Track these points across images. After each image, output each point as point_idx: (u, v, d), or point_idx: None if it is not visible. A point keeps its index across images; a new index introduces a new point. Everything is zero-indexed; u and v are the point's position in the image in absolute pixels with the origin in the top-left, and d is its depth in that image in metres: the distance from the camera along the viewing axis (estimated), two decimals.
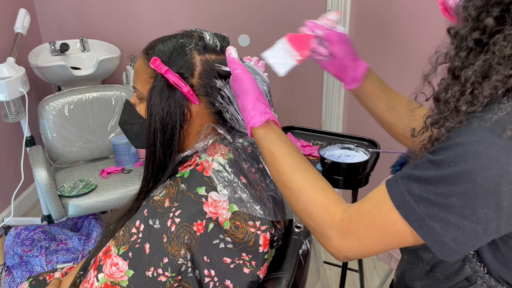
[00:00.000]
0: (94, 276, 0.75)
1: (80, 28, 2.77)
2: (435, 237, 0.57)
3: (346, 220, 0.64)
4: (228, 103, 0.79)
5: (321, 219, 0.66)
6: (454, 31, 0.59)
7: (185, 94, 0.77)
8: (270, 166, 0.73)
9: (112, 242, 0.77)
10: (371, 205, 0.63)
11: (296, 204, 0.69)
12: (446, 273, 0.67)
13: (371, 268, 2.11)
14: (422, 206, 0.57)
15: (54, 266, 1.74)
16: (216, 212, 0.74)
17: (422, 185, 0.57)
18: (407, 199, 0.58)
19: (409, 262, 0.75)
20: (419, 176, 0.58)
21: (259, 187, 0.81)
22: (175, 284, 0.73)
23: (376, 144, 1.47)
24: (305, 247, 0.90)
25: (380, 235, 0.61)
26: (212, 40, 0.79)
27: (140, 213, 0.77)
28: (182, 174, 0.79)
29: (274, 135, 0.73)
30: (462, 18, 0.58)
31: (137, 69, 0.82)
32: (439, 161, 0.55)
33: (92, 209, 1.88)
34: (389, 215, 0.59)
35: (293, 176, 0.70)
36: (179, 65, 0.78)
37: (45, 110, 2.04)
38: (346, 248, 0.64)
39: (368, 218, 0.62)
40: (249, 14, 2.74)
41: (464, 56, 0.58)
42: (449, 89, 0.59)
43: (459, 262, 0.65)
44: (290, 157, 0.71)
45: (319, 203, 0.67)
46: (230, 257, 0.75)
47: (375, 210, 0.61)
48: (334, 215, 0.65)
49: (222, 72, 0.79)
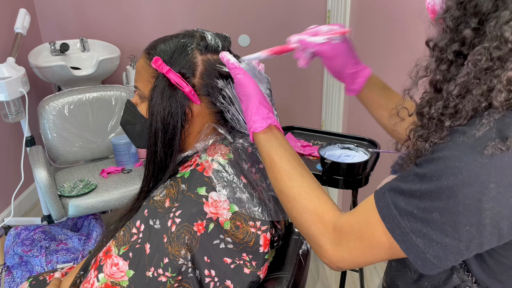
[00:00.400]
0: (95, 276, 0.76)
1: (80, 28, 2.77)
2: (417, 253, 0.56)
3: (337, 229, 0.63)
4: (229, 103, 0.80)
5: (315, 228, 0.65)
6: (433, 43, 0.59)
7: (186, 94, 0.77)
8: (269, 172, 0.73)
9: (112, 242, 0.77)
10: (360, 216, 0.62)
11: (291, 212, 0.69)
12: (433, 283, 0.66)
13: (371, 268, 2.11)
14: (407, 220, 0.56)
15: (54, 266, 1.73)
16: (216, 212, 0.74)
17: (406, 199, 0.56)
18: (392, 212, 0.57)
19: (397, 269, 0.75)
20: (404, 189, 0.57)
21: (260, 188, 0.81)
22: (175, 284, 0.73)
23: (376, 144, 1.47)
24: (305, 247, 0.90)
25: (369, 247, 0.60)
26: (214, 40, 0.80)
27: (141, 213, 0.77)
28: (182, 174, 0.79)
29: (275, 140, 0.72)
30: (441, 30, 0.57)
31: (138, 68, 0.82)
32: (423, 174, 0.55)
33: (92, 209, 1.88)
34: (376, 227, 0.59)
35: (290, 183, 0.69)
36: (181, 65, 0.78)
37: (45, 110, 2.04)
38: (338, 258, 0.63)
39: (357, 229, 0.61)
40: (249, 14, 2.74)
41: (445, 69, 0.57)
42: (432, 104, 0.59)
43: (447, 271, 0.64)
44: (288, 164, 0.71)
45: (313, 211, 0.66)
46: (231, 257, 0.75)
47: (363, 222, 0.61)
48: (327, 224, 0.64)
49: (224, 73, 0.79)
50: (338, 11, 2.28)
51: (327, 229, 0.64)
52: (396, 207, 0.57)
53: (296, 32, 0.83)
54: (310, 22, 3.33)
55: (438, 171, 0.53)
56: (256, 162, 0.84)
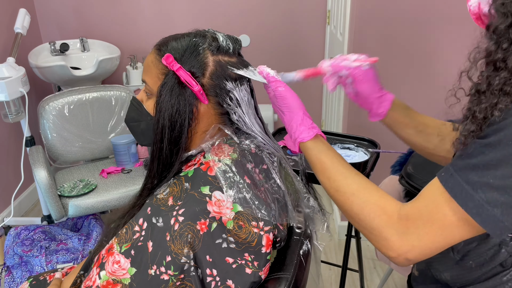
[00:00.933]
0: (97, 274, 0.76)
1: (80, 28, 2.77)
2: (495, 223, 0.57)
3: (403, 218, 0.64)
4: (236, 105, 0.80)
5: (379, 220, 0.65)
6: (494, 27, 0.61)
7: (195, 93, 0.78)
8: (320, 174, 0.75)
9: (115, 239, 0.77)
10: (427, 200, 0.63)
11: (351, 209, 0.69)
12: (479, 260, 0.67)
13: (371, 268, 2.11)
14: (481, 192, 0.57)
15: (54, 266, 1.73)
16: (219, 212, 0.74)
17: (480, 171, 0.57)
18: (464, 188, 0.58)
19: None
20: (475, 163, 0.58)
21: (263, 188, 0.81)
22: (177, 282, 0.73)
23: (376, 144, 1.48)
24: (306, 247, 0.90)
25: (440, 229, 0.61)
26: (226, 42, 0.80)
27: (144, 211, 0.77)
28: (186, 173, 0.79)
29: (323, 145, 0.76)
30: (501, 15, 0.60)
31: (148, 64, 0.82)
32: (496, 142, 0.56)
33: (92, 209, 1.88)
34: (447, 207, 0.60)
35: (345, 181, 0.71)
36: (192, 63, 0.78)
37: (45, 110, 2.04)
38: (406, 248, 0.63)
39: (425, 213, 0.62)
40: (249, 14, 2.75)
41: (505, 48, 0.60)
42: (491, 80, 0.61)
43: (495, 246, 0.65)
44: (340, 164, 0.74)
45: (375, 203, 0.67)
46: (233, 257, 0.75)
47: (431, 204, 0.62)
48: (391, 214, 0.65)
49: (233, 75, 0.79)
50: (338, 11, 2.28)
51: (391, 220, 0.64)
52: (468, 183, 0.58)
53: (296, 31, 0.84)
54: (310, 22, 3.35)
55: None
56: (260, 162, 0.84)
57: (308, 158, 0.77)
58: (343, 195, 0.71)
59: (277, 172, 0.84)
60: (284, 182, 0.85)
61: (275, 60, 2.86)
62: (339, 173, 0.73)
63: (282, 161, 0.87)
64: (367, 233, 0.68)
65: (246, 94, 0.82)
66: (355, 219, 0.70)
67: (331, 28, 2.56)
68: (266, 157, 0.84)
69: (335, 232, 2.36)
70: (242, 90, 0.81)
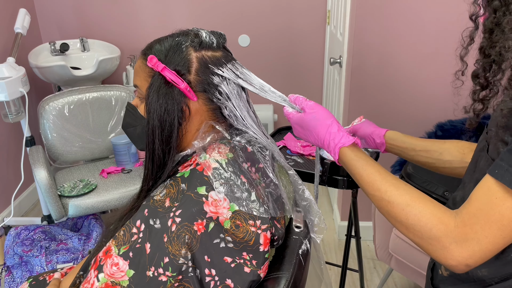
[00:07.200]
0: (95, 276, 0.75)
1: (80, 28, 2.77)
2: None
3: (460, 225, 0.63)
4: (226, 99, 0.81)
5: (436, 230, 0.64)
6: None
7: (182, 90, 0.78)
8: (369, 186, 0.74)
9: (112, 242, 0.77)
10: (480, 203, 0.62)
11: (407, 219, 0.68)
12: None
13: (371, 268, 2.11)
14: None
15: (54, 266, 1.74)
16: (216, 212, 0.74)
17: None
18: None
19: None
20: None
21: (259, 187, 0.81)
22: (176, 283, 0.73)
23: None
24: (305, 247, 0.90)
25: (499, 229, 0.60)
26: (209, 37, 0.81)
27: (141, 212, 0.77)
28: (182, 173, 0.79)
29: (363, 155, 0.77)
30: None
31: (136, 69, 0.84)
32: None
33: (92, 209, 1.88)
34: (503, 205, 0.59)
35: (397, 191, 0.70)
36: (176, 62, 0.79)
37: (45, 110, 2.04)
38: (467, 254, 0.62)
39: (482, 216, 0.61)
40: (249, 14, 2.75)
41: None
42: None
43: None
44: (388, 175, 0.73)
45: (431, 213, 0.66)
46: (231, 257, 0.75)
47: (486, 206, 0.60)
48: (447, 223, 0.64)
49: (216, 72, 0.80)
50: (338, 11, 2.28)
51: (448, 228, 0.64)
52: None
53: (296, 31, 0.84)
54: (310, 22, 3.34)
55: None
56: (256, 161, 0.84)
57: (350, 168, 0.78)
58: (397, 206, 0.69)
59: (272, 169, 0.84)
60: (278, 176, 0.85)
61: (275, 60, 2.86)
62: (389, 183, 0.71)
63: (275, 154, 0.87)
64: (425, 244, 0.67)
65: (235, 87, 0.82)
66: (411, 230, 0.68)
67: (331, 28, 2.56)
68: (258, 151, 0.84)
69: (335, 232, 2.36)
70: (230, 83, 0.81)
